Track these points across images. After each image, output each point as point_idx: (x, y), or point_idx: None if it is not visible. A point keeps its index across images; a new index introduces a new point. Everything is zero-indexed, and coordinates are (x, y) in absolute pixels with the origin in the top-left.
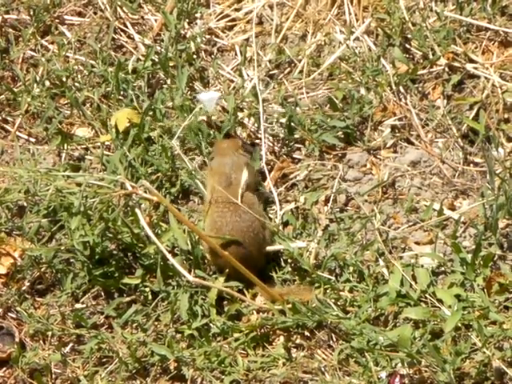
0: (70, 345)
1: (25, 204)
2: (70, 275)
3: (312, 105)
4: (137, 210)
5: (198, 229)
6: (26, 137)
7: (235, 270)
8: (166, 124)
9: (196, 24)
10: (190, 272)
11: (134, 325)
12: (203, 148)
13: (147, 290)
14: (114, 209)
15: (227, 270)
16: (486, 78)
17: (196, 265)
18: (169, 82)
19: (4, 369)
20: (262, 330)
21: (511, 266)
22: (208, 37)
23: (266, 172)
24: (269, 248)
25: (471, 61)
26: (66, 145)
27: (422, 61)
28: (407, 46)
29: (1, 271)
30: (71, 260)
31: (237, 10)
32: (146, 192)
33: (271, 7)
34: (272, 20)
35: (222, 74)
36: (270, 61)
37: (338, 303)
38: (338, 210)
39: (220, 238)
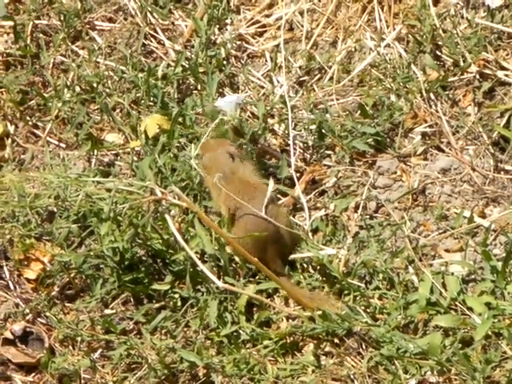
0: (99, 350)
1: (55, 209)
2: (99, 281)
3: (342, 111)
4: (167, 216)
5: (228, 235)
6: (57, 142)
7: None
8: (196, 131)
9: (226, 30)
10: (219, 278)
11: (164, 331)
12: None
13: (176, 296)
14: (144, 215)
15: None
16: None
17: (225, 271)
18: (199, 87)
19: (33, 374)
20: (292, 338)
21: None
22: (238, 43)
23: (295, 179)
24: (298, 255)
25: (502, 68)
26: (95, 150)
27: (452, 68)
28: (438, 52)
29: (30, 276)
30: (101, 266)
31: (267, 16)
32: (175, 198)
33: (301, 13)
34: (302, 26)
35: (252, 80)
36: (300, 67)
37: (368, 310)
38: (367, 217)
39: (250, 236)
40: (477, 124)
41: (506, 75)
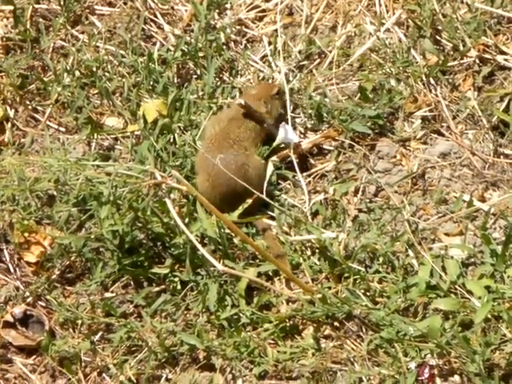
0: (100, 333)
1: (55, 193)
2: (99, 264)
3: (342, 96)
4: (166, 200)
5: (227, 218)
6: (56, 126)
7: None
8: (194, 117)
9: (226, 15)
10: (219, 261)
11: (164, 314)
12: None
13: (176, 279)
14: (144, 198)
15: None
16: None
17: (225, 254)
18: (198, 72)
19: (34, 357)
20: (292, 321)
21: None
22: (238, 27)
23: (295, 163)
24: (298, 238)
25: (502, 52)
26: (95, 134)
27: (452, 52)
28: (438, 37)
29: (31, 260)
30: (101, 249)
31: (267, 0)
32: (175, 182)
33: None
34: (302, 11)
35: (252, 65)
36: (299, 52)
37: (368, 294)
38: (367, 200)
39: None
40: (476, 108)
41: (506, 60)
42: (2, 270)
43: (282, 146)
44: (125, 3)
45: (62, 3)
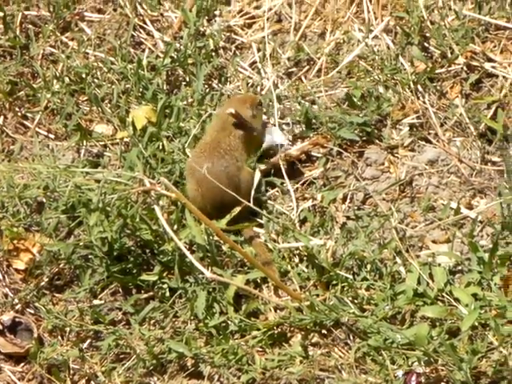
0: (88, 341)
1: (44, 200)
2: (88, 271)
3: (330, 103)
4: (155, 207)
5: (216, 226)
6: (46, 133)
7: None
8: (183, 124)
9: (215, 21)
10: (207, 269)
11: (152, 321)
12: None
13: (165, 286)
14: (133, 205)
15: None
16: (504, 76)
17: (214, 262)
18: (187, 79)
19: (22, 364)
20: (280, 329)
21: None
22: (227, 34)
23: (283, 170)
24: (286, 245)
25: (489, 60)
26: (84, 141)
27: (440, 59)
28: (426, 44)
29: (19, 267)
30: (89, 256)
31: (256, 7)
32: (164, 189)
33: (290, 5)
34: (291, 18)
35: (241, 72)
36: (288, 58)
37: (355, 301)
38: (355, 208)
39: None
40: (464, 116)
41: (493, 67)
42: None
43: (272, 152)
44: (114, 10)
45: (51, 10)
